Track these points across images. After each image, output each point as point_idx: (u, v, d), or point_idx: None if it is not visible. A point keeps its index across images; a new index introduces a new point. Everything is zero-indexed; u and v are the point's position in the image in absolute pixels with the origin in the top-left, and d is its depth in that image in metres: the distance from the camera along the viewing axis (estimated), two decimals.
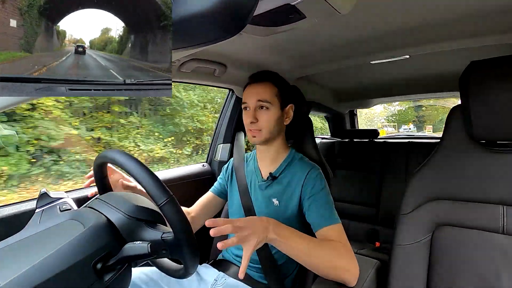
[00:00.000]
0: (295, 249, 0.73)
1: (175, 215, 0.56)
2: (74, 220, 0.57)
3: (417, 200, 0.83)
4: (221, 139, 1.55)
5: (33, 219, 0.67)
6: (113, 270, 0.54)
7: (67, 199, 0.73)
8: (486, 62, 0.73)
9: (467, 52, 1.06)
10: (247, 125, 0.94)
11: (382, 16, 0.81)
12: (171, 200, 0.56)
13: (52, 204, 0.70)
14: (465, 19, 0.82)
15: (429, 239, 0.80)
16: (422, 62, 1.44)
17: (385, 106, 11.52)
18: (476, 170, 0.77)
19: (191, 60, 1.03)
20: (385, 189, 1.94)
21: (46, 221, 0.64)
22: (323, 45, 1.06)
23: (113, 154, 0.63)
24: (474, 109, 0.73)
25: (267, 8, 0.64)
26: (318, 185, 0.89)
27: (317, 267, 0.76)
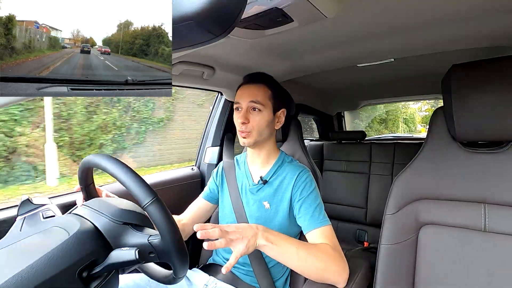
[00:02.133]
0: (284, 255, 0.73)
1: (160, 216, 0.55)
2: (58, 227, 0.55)
3: (402, 200, 0.84)
4: (210, 142, 1.54)
5: (14, 227, 0.65)
6: (100, 277, 0.53)
7: (51, 206, 0.70)
8: (467, 65, 0.75)
9: (450, 55, 1.10)
10: (238, 125, 0.93)
11: (367, 20, 0.83)
12: (156, 201, 0.55)
13: (34, 211, 0.67)
14: (447, 23, 0.85)
15: (415, 238, 0.81)
16: (406, 65, 1.48)
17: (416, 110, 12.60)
18: (459, 170, 0.79)
19: (179, 63, 1.02)
20: (372, 190, 1.98)
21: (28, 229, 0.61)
22: (310, 48, 1.08)
23: (95, 158, 0.62)
24: (456, 111, 0.76)
25: (255, 11, 0.65)
26: (308, 187, 0.90)
27: (307, 271, 0.76)
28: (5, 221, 0.85)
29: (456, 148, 0.81)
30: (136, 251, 0.52)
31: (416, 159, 0.86)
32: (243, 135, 0.92)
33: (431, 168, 0.83)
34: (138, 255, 0.52)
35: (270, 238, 0.72)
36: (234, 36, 0.81)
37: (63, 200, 1.00)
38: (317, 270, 0.75)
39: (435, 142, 0.85)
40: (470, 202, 0.77)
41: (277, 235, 0.75)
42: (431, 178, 0.82)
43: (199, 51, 0.96)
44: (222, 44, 0.90)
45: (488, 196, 0.75)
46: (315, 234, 0.83)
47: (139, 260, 0.52)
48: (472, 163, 0.78)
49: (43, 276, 0.46)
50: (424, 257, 0.80)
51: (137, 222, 0.61)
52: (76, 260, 0.50)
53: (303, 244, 0.77)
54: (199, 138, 1.60)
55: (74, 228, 0.54)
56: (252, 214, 0.96)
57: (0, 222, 0.84)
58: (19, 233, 0.58)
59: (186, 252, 0.58)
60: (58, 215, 0.69)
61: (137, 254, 0.51)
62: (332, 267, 0.76)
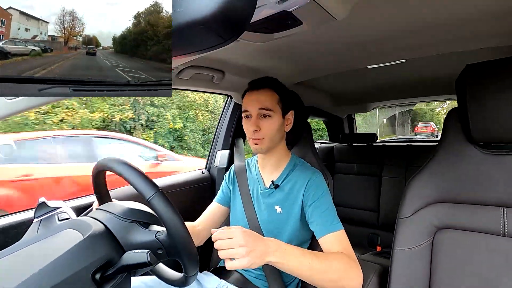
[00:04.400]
0: (297, 270, 0.71)
1: (164, 208, 0.55)
2: (72, 229, 0.56)
3: (417, 203, 0.82)
4: (220, 146, 1.55)
5: (31, 229, 0.66)
6: (113, 279, 0.53)
7: (66, 208, 0.72)
8: (482, 65, 0.74)
9: (463, 55, 1.07)
10: (249, 133, 0.92)
11: (378, 21, 0.82)
12: (159, 194, 0.56)
13: (50, 213, 0.69)
14: (460, 22, 0.83)
15: (430, 242, 0.79)
16: (418, 66, 1.45)
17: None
18: (475, 173, 0.77)
19: (189, 67, 1.04)
20: (384, 193, 1.94)
21: (44, 231, 0.63)
22: (320, 50, 1.07)
23: (102, 161, 0.64)
24: (471, 112, 0.74)
25: (264, 15, 0.65)
26: (320, 191, 0.89)
27: (322, 284, 0.73)
28: (23, 223, 0.88)
29: (472, 150, 0.79)
30: (147, 253, 0.52)
31: (431, 161, 0.84)
32: (255, 142, 0.91)
33: (447, 170, 0.81)
34: (150, 257, 0.52)
35: (283, 256, 0.69)
36: (243, 39, 0.81)
37: (77, 203, 1.02)
38: (331, 282, 0.73)
39: (450, 144, 0.83)
40: (489, 205, 0.74)
41: (289, 250, 0.72)
42: (447, 181, 0.80)
43: (208, 55, 0.97)
44: (231, 48, 0.91)
45: (507, 200, 0.73)
46: (328, 239, 0.82)
47: (151, 262, 0.52)
48: (489, 165, 0.76)
49: (58, 277, 0.47)
50: (440, 262, 0.77)
51: (145, 220, 0.63)
52: (90, 262, 0.51)
53: (317, 257, 0.73)
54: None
55: (88, 230, 0.55)
56: (263, 218, 0.96)
57: (19, 224, 0.87)
58: (36, 235, 0.59)
59: (194, 246, 0.58)
60: (73, 217, 0.70)
61: (148, 256, 0.52)
62: (347, 276, 0.73)
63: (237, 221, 1.02)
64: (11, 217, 0.89)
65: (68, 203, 0.99)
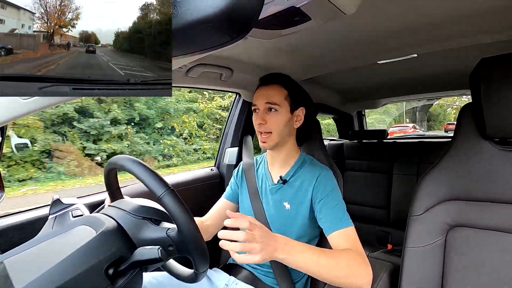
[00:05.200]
0: (304, 266, 0.71)
1: (174, 206, 0.56)
2: (86, 225, 0.57)
3: (429, 201, 0.81)
4: (229, 143, 1.55)
5: (47, 225, 0.69)
6: (125, 275, 0.55)
7: (79, 205, 0.74)
8: (497, 59, 0.71)
9: (476, 49, 1.04)
10: (256, 126, 0.94)
11: (388, 15, 0.80)
12: (169, 192, 0.56)
13: (64, 210, 0.71)
14: (473, 15, 0.81)
15: (443, 241, 0.78)
16: (430, 61, 1.42)
17: None
18: (489, 169, 0.75)
19: (198, 65, 1.04)
20: (395, 190, 1.91)
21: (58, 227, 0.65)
22: (329, 46, 1.06)
23: (114, 159, 0.65)
24: (486, 107, 0.72)
25: (272, 11, 0.64)
26: (329, 187, 0.88)
27: (329, 280, 0.73)
28: (39, 219, 0.91)
29: (487, 146, 0.77)
30: (159, 250, 0.53)
31: (444, 158, 0.82)
32: (263, 139, 0.92)
33: (461, 167, 0.79)
34: (161, 254, 0.53)
35: (291, 252, 0.69)
36: (251, 36, 0.81)
37: (90, 200, 1.04)
38: (339, 278, 0.72)
39: (464, 140, 0.80)
40: (504, 203, 0.72)
41: (297, 246, 0.72)
42: (461, 178, 0.78)
43: (216, 53, 0.97)
44: (239, 45, 0.91)
45: None
46: (336, 236, 0.81)
47: (162, 258, 0.53)
48: (503, 161, 0.74)
49: (73, 272, 0.48)
50: (453, 260, 0.76)
51: (156, 217, 0.64)
52: (103, 258, 0.52)
53: (324, 253, 0.73)
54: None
55: (101, 226, 0.56)
56: (271, 214, 0.96)
57: (35, 220, 0.90)
58: (51, 231, 0.61)
59: (204, 243, 0.59)
60: (86, 214, 0.72)
61: (159, 253, 0.53)
62: (355, 273, 0.73)
63: None
64: (28, 214, 0.92)
65: (81, 200, 1.02)
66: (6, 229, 0.85)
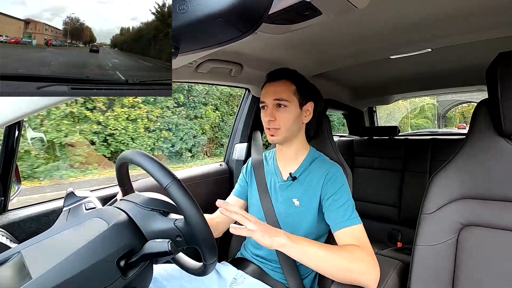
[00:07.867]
0: (304, 254, 0.71)
1: (181, 195, 0.57)
2: (98, 218, 0.59)
3: (441, 199, 0.79)
4: (238, 139, 1.56)
5: (61, 217, 0.71)
6: (136, 266, 0.56)
7: (92, 198, 0.76)
8: None
9: (493, 43, 1.00)
10: (265, 123, 0.93)
11: (402, 8, 0.78)
12: (175, 182, 0.57)
13: (78, 203, 0.73)
14: (489, 9, 0.78)
15: (455, 240, 0.76)
16: (444, 55, 1.38)
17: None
18: (505, 168, 0.73)
19: (207, 61, 1.04)
20: (406, 188, 1.88)
21: (72, 219, 0.67)
22: (340, 41, 1.04)
23: (125, 154, 0.67)
24: (503, 103, 0.69)
25: (283, 6, 0.64)
26: (338, 184, 0.88)
27: (330, 271, 0.73)
28: (54, 211, 0.94)
29: (503, 143, 0.74)
30: (169, 243, 0.54)
31: (458, 155, 0.80)
32: (271, 133, 0.92)
33: (475, 165, 0.77)
34: (171, 247, 0.54)
35: (293, 238, 0.72)
36: (261, 32, 0.81)
37: (103, 193, 1.07)
38: (340, 270, 0.72)
39: (479, 137, 0.78)
40: None
41: (301, 237, 0.75)
42: (474, 176, 0.76)
43: (226, 48, 0.97)
44: (249, 40, 0.91)
45: None
46: (344, 233, 0.81)
47: (171, 251, 0.54)
48: None
49: (86, 263, 0.49)
50: (466, 260, 0.74)
51: (164, 209, 0.65)
52: (115, 249, 0.53)
53: (324, 246, 0.75)
54: None
55: (113, 219, 0.58)
56: (281, 211, 0.96)
57: (50, 212, 0.94)
58: (65, 223, 0.63)
59: (211, 232, 0.60)
60: (99, 206, 0.74)
61: (169, 246, 0.54)
62: (358, 269, 0.73)
63: (254, 214, 1.03)
64: (43, 206, 0.95)
65: (94, 193, 1.04)
66: (24, 219, 0.88)
